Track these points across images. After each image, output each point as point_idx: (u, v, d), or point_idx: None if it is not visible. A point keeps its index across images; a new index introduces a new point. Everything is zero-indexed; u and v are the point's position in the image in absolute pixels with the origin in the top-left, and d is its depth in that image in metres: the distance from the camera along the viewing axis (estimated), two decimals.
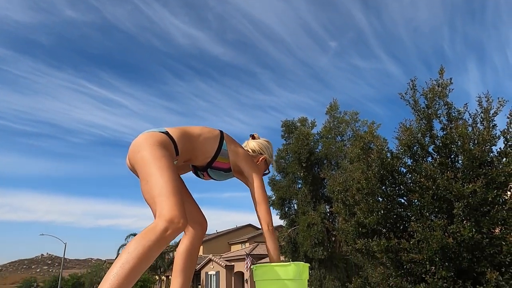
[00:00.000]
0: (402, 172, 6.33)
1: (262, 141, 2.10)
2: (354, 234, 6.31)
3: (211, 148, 1.73)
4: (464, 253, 4.83)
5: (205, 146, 1.72)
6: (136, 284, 19.12)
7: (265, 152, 2.07)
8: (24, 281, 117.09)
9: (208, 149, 1.73)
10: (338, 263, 13.46)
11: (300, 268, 1.68)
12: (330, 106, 15.95)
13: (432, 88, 6.12)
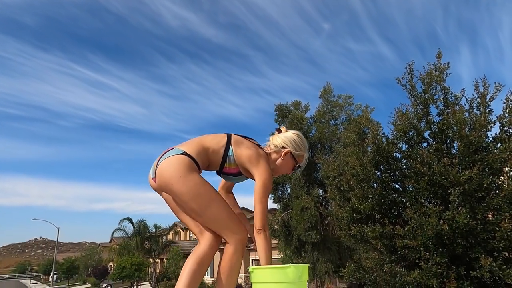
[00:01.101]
0: (397, 158, 6.28)
1: (287, 134, 1.95)
2: (349, 219, 6.29)
3: (218, 158, 1.81)
4: (458, 239, 4.84)
5: (214, 157, 1.81)
6: (131, 267, 19.19)
7: (289, 146, 1.91)
8: (19, 265, 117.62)
9: (216, 160, 1.81)
10: (331, 246, 13.63)
11: (300, 270, 1.58)
12: (324, 90, 15.78)
13: (429, 73, 6.00)
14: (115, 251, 29.68)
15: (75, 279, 50.26)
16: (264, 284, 1.56)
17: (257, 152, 1.79)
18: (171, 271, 26.28)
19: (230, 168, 1.82)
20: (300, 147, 1.94)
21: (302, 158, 1.96)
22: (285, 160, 1.92)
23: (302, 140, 1.96)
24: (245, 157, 1.78)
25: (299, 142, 1.94)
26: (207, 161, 1.80)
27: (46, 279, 56.44)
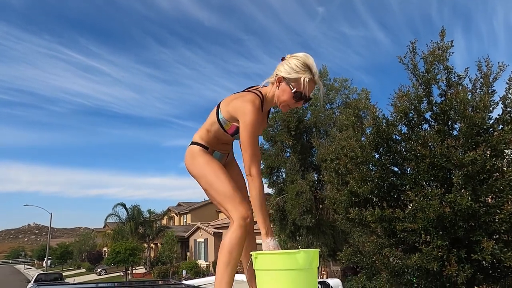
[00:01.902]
0: (397, 140, 6.12)
1: (286, 59, 1.65)
2: (347, 203, 6.16)
3: (218, 127, 1.73)
4: (460, 222, 4.73)
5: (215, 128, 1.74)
6: (125, 252, 19.13)
7: (281, 71, 1.62)
8: (12, 250, 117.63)
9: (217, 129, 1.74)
10: (326, 230, 13.64)
11: (311, 256, 1.39)
12: (320, 73, 15.46)
13: (432, 51, 5.78)
14: (109, 236, 29.64)
15: (69, 264, 50.39)
16: (270, 271, 1.37)
17: (238, 99, 1.62)
18: (165, 255, 26.35)
19: (229, 129, 1.72)
20: (294, 68, 1.58)
21: (299, 82, 1.58)
22: (280, 89, 1.64)
23: (300, 59, 1.59)
24: (230, 111, 1.66)
25: (294, 63, 1.59)
26: (214, 137, 1.76)
27: (40, 264, 56.49)
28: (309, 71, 1.59)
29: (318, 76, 1.63)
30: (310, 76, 1.59)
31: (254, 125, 1.55)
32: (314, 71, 1.60)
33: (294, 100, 1.63)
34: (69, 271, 41.25)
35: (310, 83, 1.60)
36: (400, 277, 5.63)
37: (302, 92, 1.60)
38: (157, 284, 3.14)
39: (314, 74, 1.60)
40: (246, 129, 1.55)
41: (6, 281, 31.51)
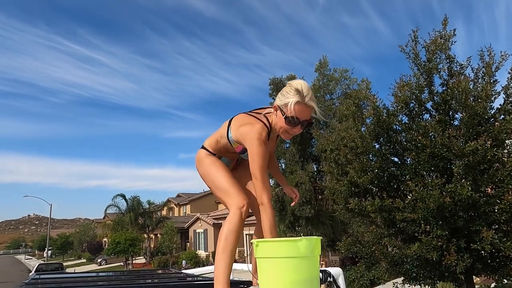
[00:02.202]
0: (397, 130, 6.09)
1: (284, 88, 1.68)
2: (346, 193, 6.16)
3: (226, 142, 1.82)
4: (459, 212, 4.73)
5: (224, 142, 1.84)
6: (125, 242, 19.21)
7: (277, 100, 1.65)
8: (13, 241, 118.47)
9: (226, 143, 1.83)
10: (325, 220, 13.71)
11: (312, 244, 1.37)
12: (320, 63, 15.37)
13: (434, 40, 5.71)
14: (109, 227, 29.79)
15: (70, 254, 50.73)
16: (272, 259, 1.35)
17: (247, 127, 1.68)
18: (165, 246, 26.52)
19: (237, 148, 1.82)
20: (284, 94, 1.62)
21: (287, 107, 1.59)
22: (278, 117, 1.67)
23: (290, 85, 1.62)
24: (238, 137, 1.74)
25: (285, 90, 1.63)
26: (222, 148, 1.86)
27: (40, 255, 56.91)
28: (298, 95, 1.58)
29: (311, 97, 1.60)
30: (297, 99, 1.57)
31: (262, 156, 1.59)
32: (304, 94, 1.58)
33: (289, 125, 1.63)
34: (69, 261, 41.56)
35: (300, 106, 1.58)
36: (399, 267, 5.66)
37: (293, 116, 1.59)
38: (157, 273, 3.14)
39: (304, 97, 1.58)
40: (254, 161, 1.59)
41: (8, 271, 31.77)
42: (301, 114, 1.60)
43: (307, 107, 1.60)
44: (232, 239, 1.57)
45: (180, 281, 2.08)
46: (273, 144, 1.94)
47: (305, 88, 1.59)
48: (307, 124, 1.65)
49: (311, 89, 1.67)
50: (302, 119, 1.61)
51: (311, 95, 1.60)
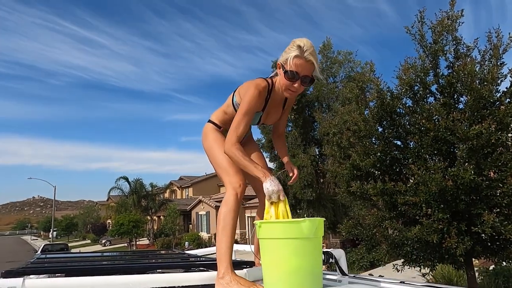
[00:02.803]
0: (401, 114, 6.03)
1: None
2: (349, 176, 6.17)
3: (232, 110, 1.85)
4: (462, 195, 4.74)
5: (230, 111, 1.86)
6: (128, 224, 19.49)
7: (281, 57, 1.64)
8: (19, 222, 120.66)
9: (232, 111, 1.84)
10: (326, 204, 13.81)
11: (316, 225, 1.37)
12: (324, 45, 15.13)
13: (441, 21, 5.57)
14: (113, 209, 30.16)
15: (74, 235, 51.66)
16: (275, 240, 1.35)
17: (247, 84, 1.72)
18: (168, 227, 26.91)
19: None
20: (286, 51, 1.62)
21: (287, 62, 1.59)
22: (280, 75, 1.68)
23: (294, 42, 1.60)
24: (241, 94, 1.77)
25: (288, 47, 1.62)
26: (229, 118, 1.85)
27: (46, 236, 57.98)
28: (298, 50, 1.57)
29: (311, 53, 1.57)
30: (296, 53, 1.57)
31: (250, 103, 1.63)
32: (304, 48, 1.56)
33: (289, 81, 1.63)
34: (74, 242, 42.35)
35: (299, 60, 1.57)
36: (399, 249, 5.72)
37: (292, 71, 1.59)
38: (160, 253, 3.18)
39: (303, 51, 1.56)
40: (241, 106, 1.64)
41: (15, 251, 32.47)
42: (301, 69, 1.59)
43: (306, 62, 1.58)
44: (230, 219, 1.59)
45: (183, 261, 2.10)
46: (278, 108, 1.91)
47: (307, 44, 1.57)
48: (309, 81, 1.65)
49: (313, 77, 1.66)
50: (302, 74, 1.60)
51: (313, 51, 1.58)
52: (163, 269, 1.69)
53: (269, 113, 1.88)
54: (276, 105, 1.88)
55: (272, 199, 1.49)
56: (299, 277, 1.32)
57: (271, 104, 1.82)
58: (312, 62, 1.58)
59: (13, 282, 1.16)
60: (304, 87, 1.67)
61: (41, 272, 1.52)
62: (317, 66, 1.61)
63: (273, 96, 1.79)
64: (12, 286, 1.15)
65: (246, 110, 1.63)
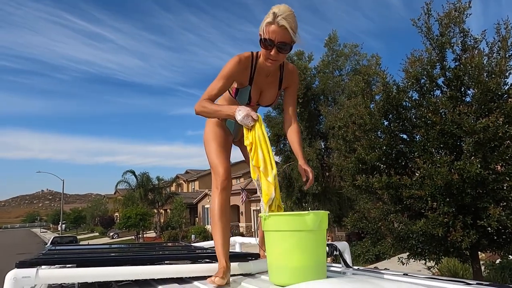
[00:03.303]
0: (407, 107, 6.00)
1: None
2: (354, 170, 6.17)
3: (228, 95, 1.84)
4: (468, 189, 4.72)
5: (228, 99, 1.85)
6: (136, 217, 19.70)
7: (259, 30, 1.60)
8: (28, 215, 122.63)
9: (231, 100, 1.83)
10: (331, 197, 13.82)
11: (320, 217, 1.40)
12: (329, 38, 14.99)
13: (448, 13, 5.50)
14: (120, 202, 30.50)
15: (83, 228, 52.42)
16: (280, 232, 1.38)
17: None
18: (175, 221, 27.17)
19: (232, 91, 1.80)
20: (264, 20, 1.55)
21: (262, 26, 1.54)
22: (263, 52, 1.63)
23: (271, 8, 1.55)
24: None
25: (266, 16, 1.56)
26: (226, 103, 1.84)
27: (55, 228, 58.91)
28: (271, 16, 1.52)
29: (285, 17, 1.51)
30: (269, 19, 1.52)
31: (228, 68, 1.61)
32: (278, 13, 1.50)
33: (265, 49, 1.58)
34: (83, 234, 42.98)
35: (271, 26, 1.52)
36: (404, 242, 5.74)
37: (265, 38, 1.54)
38: (167, 246, 3.24)
39: (276, 16, 1.50)
40: (219, 74, 1.63)
41: (25, 243, 33.09)
42: (275, 35, 1.53)
43: (279, 27, 1.51)
44: (219, 216, 1.61)
45: (190, 253, 2.15)
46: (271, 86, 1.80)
47: (282, 9, 1.52)
48: (287, 48, 1.57)
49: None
50: (278, 40, 1.54)
51: (287, 15, 1.51)
52: (171, 260, 1.73)
53: (262, 90, 1.80)
54: (268, 82, 1.78)
55: (247, 125, 1.50)
56: (303, 268, 1.35)
57: (259, 79, 1.74)
58: (285, 27, 1.50)
59: (27, 272, 1.20)
60: (283, 53, 1.59)
61: (53, 262, 1.57)
62: (291, 30, 1.52)
63: (259, 70, 1.71)
64: (27, 275, 1.19)
65: (222, 73, 1.61)
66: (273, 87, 1.81)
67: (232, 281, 1.51)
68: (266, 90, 1.80)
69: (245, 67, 1.68)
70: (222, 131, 1.85)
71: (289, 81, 1.83)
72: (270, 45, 1.55)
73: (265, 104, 1.87)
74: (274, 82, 1.80)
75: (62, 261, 1.62)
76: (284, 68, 1.79)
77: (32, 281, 1.20)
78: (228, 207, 1.65)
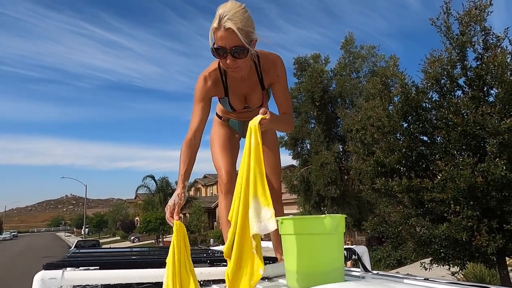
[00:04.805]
0: (427, 108, 5.88)
1: None
2: (373, 173, 6.08)
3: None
4: (492, 192, 4.57)
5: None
6: (156, 221, 20.01)
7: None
8: (53, 219, 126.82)
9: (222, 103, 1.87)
10: (351, 201, 13.63)
11: (337, 221, 1.39)
12: (346, 40, 14.88)
13: (468, 11, 5.37)
14: (140, 207, 31.08)
15: (105, 232, 53.62)
16: (296, 236, 1.39)
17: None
18: (193, 225, 27.41)
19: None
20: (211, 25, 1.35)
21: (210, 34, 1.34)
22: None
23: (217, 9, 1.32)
24: None
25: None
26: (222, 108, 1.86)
27: (78, 232, 60.54)
28: (216, 20, 1.29)
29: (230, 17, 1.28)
30: (214, 24, 1.30)
31: (197, 92, 1.56)
32: (223, 15, 1.28)
33: (219, 58, 1.39)
34: (105, 238, 43.96)
35: (218, 33, 1.30)
36: (426, 247, 5.59)
37: (216, 48, 1.34)
38: None
39: (221, 19, 1.28)
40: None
41: (51, 246, 34.18)
42: (224, 41, 1.30)
43: (226, 31, 1.28)
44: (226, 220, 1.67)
45: (209, 257, 2.17)
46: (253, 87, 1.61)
47: (228, 8, 1.30)
48: (243, 51, 1.34)
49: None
50: (229, 46, 1.31)
51: (233, 14, 1.28)
52: None
53: (246, 95, 1.65)
54: (247, 86, 1.61)
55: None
56: (320, 272, 1.35)
57: (235, 86, 1.59)
58: (231, 29, 1.27)
59: (53, 273, 1.26)
60: (242, 58, 1.36)
61: (77, 265, 1.63)
62: (240, 32, 1.27)
63: (231, 79, 1.56)
64: (53, 277, 1.25)
65: (195, 98, 1.55)
66: (255, 88, 1.62)
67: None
68: (250, 94, 1.64)
69: (215, 81, 1.55)
70: (225, 131, 1.88)
71: (271, 76, 1.58)
72: (223, 53, 1.34)
73: (255, 106, 1.69)
74: (254, 84, 1.61)
75: (86, 263, 1.68)
76: (260, 66, 1.56)
77: (58, 283, 1.26)
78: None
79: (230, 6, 1.31)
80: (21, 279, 13.62)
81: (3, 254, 30.24)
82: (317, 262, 1.35)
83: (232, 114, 1.84)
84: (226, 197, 1.69)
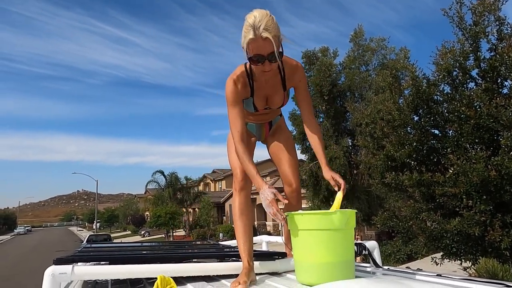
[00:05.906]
0: (438, 101, 5.76)
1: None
2: (383, 167, 6.01)
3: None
4: (506, 186, 4.47)
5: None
6: (165, 216, 20.24)
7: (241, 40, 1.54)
8: (66, 214, 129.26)
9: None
10: (360, 195, 13.53)
11: (347, 216, 1.37)
12: (355, 33, 14.67)
13: (482, 1, 5.23)
14: (150, 202, 31.39)
15: (116, 226, 54.40)
16: (306, 231, 1.37)
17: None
18: (203, 219, 27.62)
19: None
20: (243, 34, 1.45)
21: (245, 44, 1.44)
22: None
23: (246, 20, 1.42)
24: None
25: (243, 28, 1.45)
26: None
27: (90, 227, 61.57)
28: (251, 30, 1.40)
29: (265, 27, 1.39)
30: (250, 35, 1.40)
31: (229, 96, 1.60)
32: (258, 25, 1.38)
33: (256, 65, 1.49)
34: (116, 233, 44.61)
35: (255, 43, 1.41)
36: (438, 242, 5.52)
37: (253, 56, 1.45)
38: (196, 244, 3.30)
39: (256, 29, 1.38)
40: (227, 105, 1.63)
41: (64, 241, 34.87)
42: (262, 49, 1.43)
43: (263, 40, 1.40)
44: (239, 215, 1.68)
45: (218, 252, 2.17)
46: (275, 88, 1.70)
47: (259, 18, 1.39)
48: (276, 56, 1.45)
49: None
50: (266, 53, 1.43)
51: (267, 23, 1.39)
52: (199, 258, 1.76)
53: (268, 96, 1.72)
54: (270, 86, 1.69)
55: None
56: (330, 268, 1.33)
57: (260, 87, 1.67)
58: (269, 39, 1.39)
59: (63, 268, 1.27)
60: (276, 62, 1.49)
61: (87, 260, 1.64)
62: (274, 40, 1.40)
63: (257, 79, 1.65)
64: (63, 272, 1.25)
65: (228, 102, 1.61)
66: (277, 89, 1.72)
67: (259, 280, 1.51)
68: (272, 95, 1.72)
69: (243, 84, 1.63)
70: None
71: (294, 80, 1.70)
72: (261, 60, 1.46)
73: (276, 106, 1.79)
74: (277, 85, 1.70)
75: (96, 258, 1.68)
76: (284, 68, 1.66)
77: (68, 277, 1.26)
78: (247, 206, 1.69)
79: (260, 15, 1.40)
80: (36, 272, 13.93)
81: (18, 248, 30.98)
82: (327, 258, 1.33)
83: (251, 117, 1.87)
84: (240, 193, 1.68)
